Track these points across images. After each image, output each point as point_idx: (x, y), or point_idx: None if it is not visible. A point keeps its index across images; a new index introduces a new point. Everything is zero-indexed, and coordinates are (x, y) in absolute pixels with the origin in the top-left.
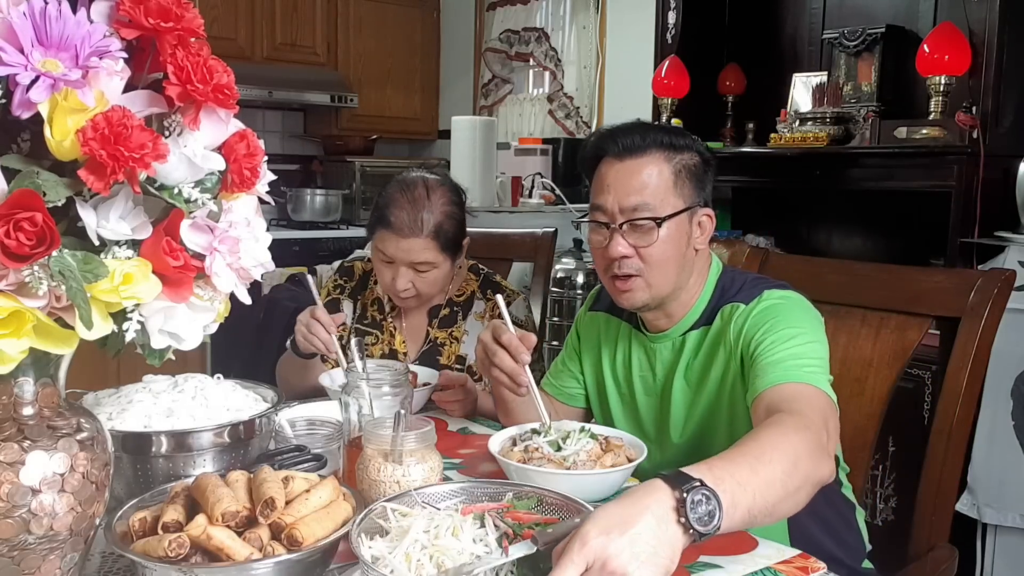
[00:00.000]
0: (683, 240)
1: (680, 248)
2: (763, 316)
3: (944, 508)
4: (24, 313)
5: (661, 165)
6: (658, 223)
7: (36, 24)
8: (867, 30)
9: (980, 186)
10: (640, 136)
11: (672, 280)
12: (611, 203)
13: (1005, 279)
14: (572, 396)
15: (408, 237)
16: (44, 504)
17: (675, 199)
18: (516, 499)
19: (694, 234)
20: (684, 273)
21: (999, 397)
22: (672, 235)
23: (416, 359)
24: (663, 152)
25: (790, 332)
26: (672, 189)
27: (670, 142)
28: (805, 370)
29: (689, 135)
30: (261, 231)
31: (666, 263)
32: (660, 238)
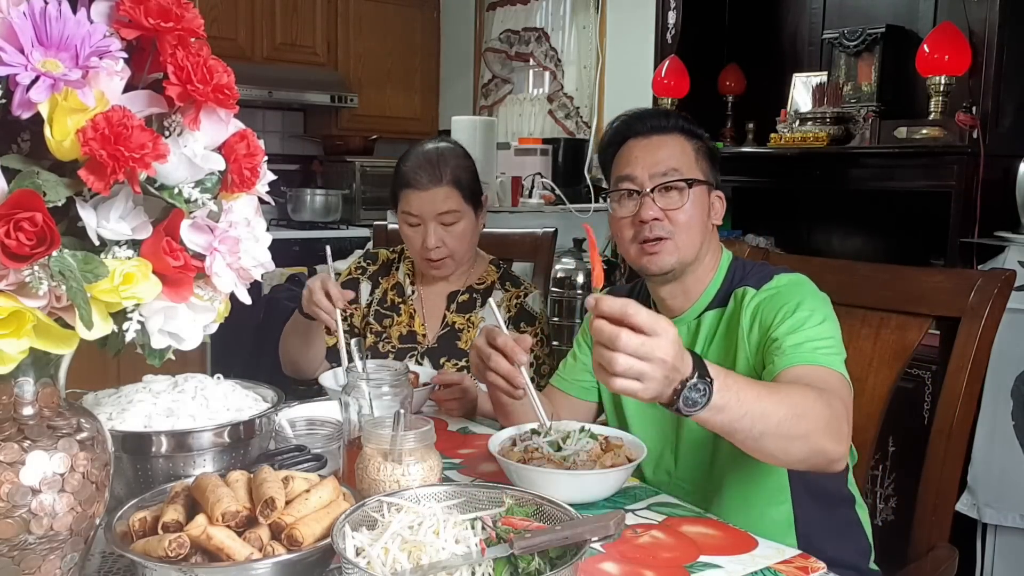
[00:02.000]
0: (704, 210)
1: (702, 217)
2: (776, 299)
3: (944, 508)
4: (24, 313)
5: (684, 143)
6: (688, 184)
7: (36, 24)
8: (867, 30)
9: (980, 186)
10: (665, 119)
11: (696, 245)
12: (640, 172)
13: (1005, 279)
14: (585, 389)
15: (431, 188)
16: (44, 504)
17: (697, 172)
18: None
19: (712, 210)
20: (704, 245)
21: (999, 397)
22: (697, 201)
23: (435, 342)
24: (683, 134)
25: (803, 315)
26: (694, 163)
27: (689, 128)
28: (821, 352)
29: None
30: (261, 231)
31: (693, 226)
32: (689, 200)
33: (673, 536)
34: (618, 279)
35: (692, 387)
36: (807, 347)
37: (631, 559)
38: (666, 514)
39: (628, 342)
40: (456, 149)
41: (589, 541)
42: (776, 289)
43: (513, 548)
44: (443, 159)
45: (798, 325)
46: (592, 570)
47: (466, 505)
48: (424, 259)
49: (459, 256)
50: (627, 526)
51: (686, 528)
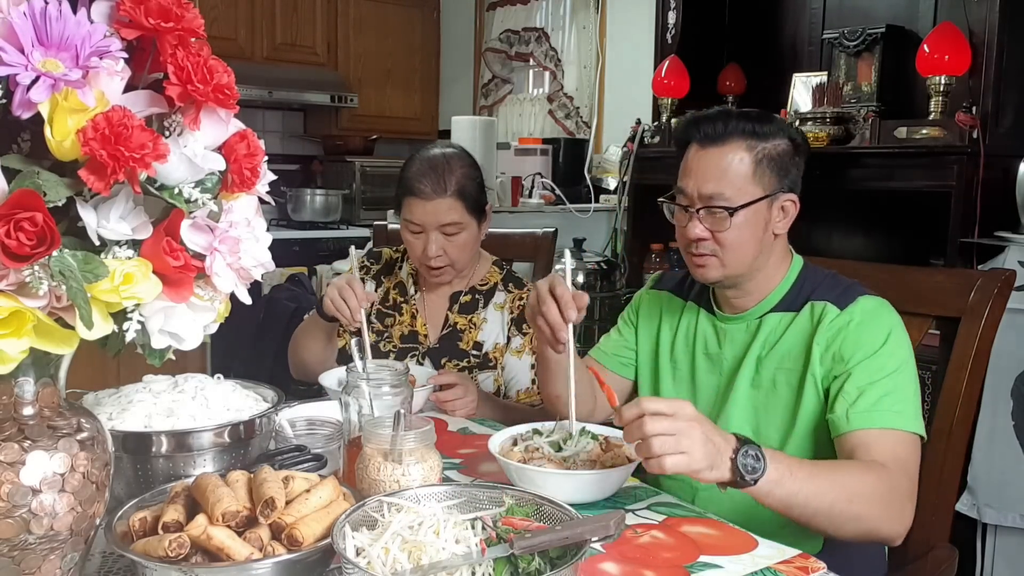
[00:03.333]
0: (759, 226)
1: (755, 233)
2: (860, 332)
3: (944, 508)
4: (24, 313)
5: (742, 154)
6: (731, 212)
7: (36, 24)
8: (867, 30)
9: (980, 186)
10: (723, 124)
11: (747, 262)
12: (691, 188)
13: (1005, 279)
14: (624, 364)
15: (434, 199)
16: (44, 504)
17: (753, 188)
18: (517, 505)
19: (774, 219)
20: (762, 256)
21: (999, 397)
22: (747, 222)
23: (436, 342)
24: (745, 140)
25: (884, 361)
26: (751, 178)
27: (753, 130)
28: (897, 412)
29: (777, 120)
30: (261, 231)
31: (740, 247)
32: (734, 225)
33: (673, 536)
34: (618, 279)
35: (744, 454)
36: (883, 406)
37: (631, 559)
38: (666, 514)
39: (653, 425)
40: (463, 157)
41: (589, 541)
42: (861, 317)
43: (513, 548)
44: (449, 168)
45: (878, 375)
46: (592, 570)
47: (466, 505)
48: (424, 266)
49: (460, 265)
50: (627, 526)
51: (686, 528)
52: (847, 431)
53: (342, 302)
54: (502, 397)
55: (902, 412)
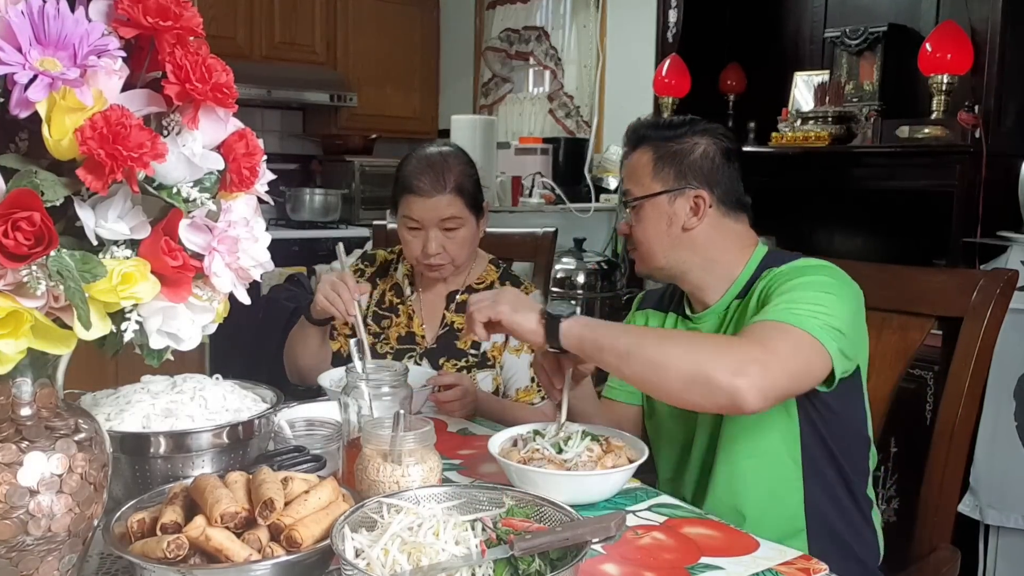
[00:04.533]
0: (662, 221)
1: (659, 227)
2: (790, 273)
3: (946, 509)
4: (22, 313)
5: (647, 156)
6: (630, 205)
7: (34, 23)
8: (869, 29)
9: (982, 186)
10: (632, 133)
11: (659, 255)
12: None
13: (1008, 279)
14: (630, 392)
15: (433, 196)
16: (42, 505)
17: (652, 183)
18: (517, 506)
19: (680, 214)
20: (678, 251)
21: (1002, 398)
22: (650, 216)
23: (434, 343)
24: (652, 142)
25: (804, 280)
26: (651, 175)
27: (660, 134)
28: (792, 311)
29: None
30: (260, 231)
31: (646, 241)
32: (638, 219)
33: (674, 537)
34: (618, 279)
35: (553, 305)
36: (782, 306)
37: (632, 560)
38: (667, 515)
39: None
40: (460, 155)
41: (590, 542)
42: (798, 266)
43: (513, 549)
44: (447, 165)
45: (791, 289)
46: (593, 571)
47: (466, 506)
48: (422, 264)
49: (459, 262)
50: (628, 527)
51: (687, 529)
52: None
53: (335, 295)
54: (501, 396)
55: (802, 312)
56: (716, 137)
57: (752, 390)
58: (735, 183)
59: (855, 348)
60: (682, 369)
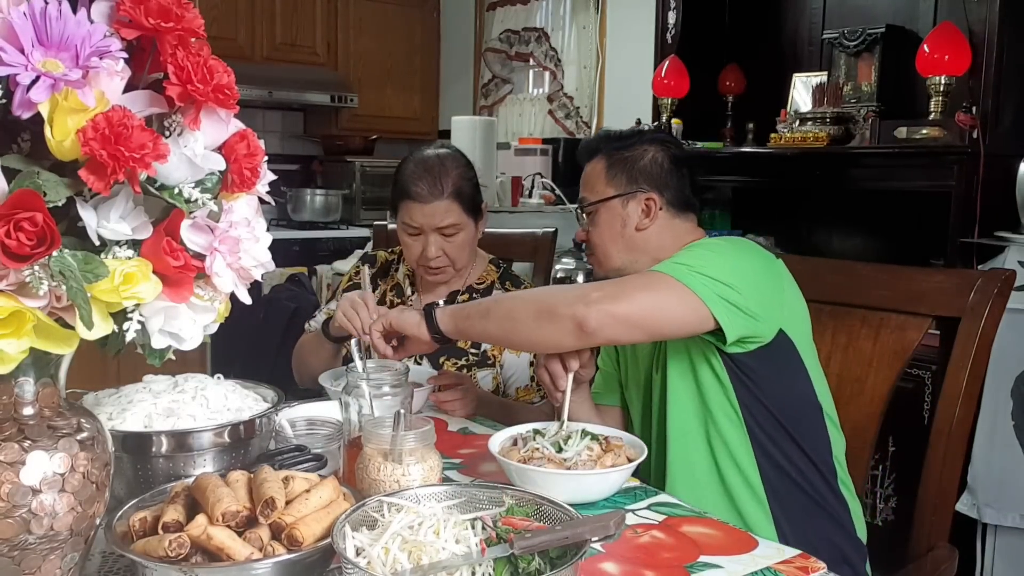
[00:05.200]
0: (616, 223)
1: (614, 229)
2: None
3: (944, 508)
4: (24, 313)
5: (600, 165)
6: (584, 209)
7: (36, 24)
8: (867, 30)
9: (980, 186)
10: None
11: (614, 256)
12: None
13: (1005, 279)
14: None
15: (431, 202)
16: (44, 504)
17: (605, 188)
18: (517, 505)
19: (633, 216)
20: (633, 251)
21: (999, 397)
22: (604, 220)
23: None
24: (605, 152)
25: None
26: (604, 181)
27: (613, 144)
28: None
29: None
30: (261, 231)
31: (601, 243)
32: (594, 224)
33: (673, 536)
34: None
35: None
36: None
37: (631, 559)
38: (666, 514)
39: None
40: (458, 157)
41: (589, 541)
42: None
43: (513, 548)
44: (444, 169)
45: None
46: (592, 570)
47: (466, 505)
48: (423, 267)
49: (459, 264)
50: (627, 526)
51: (686, 528)
52: None
53: (354, 314)
54: (501, 395)
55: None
56: (664, 144)
57: (593, 311)
58: (683, 185)
59: (758, 305)
60: (531, 310)
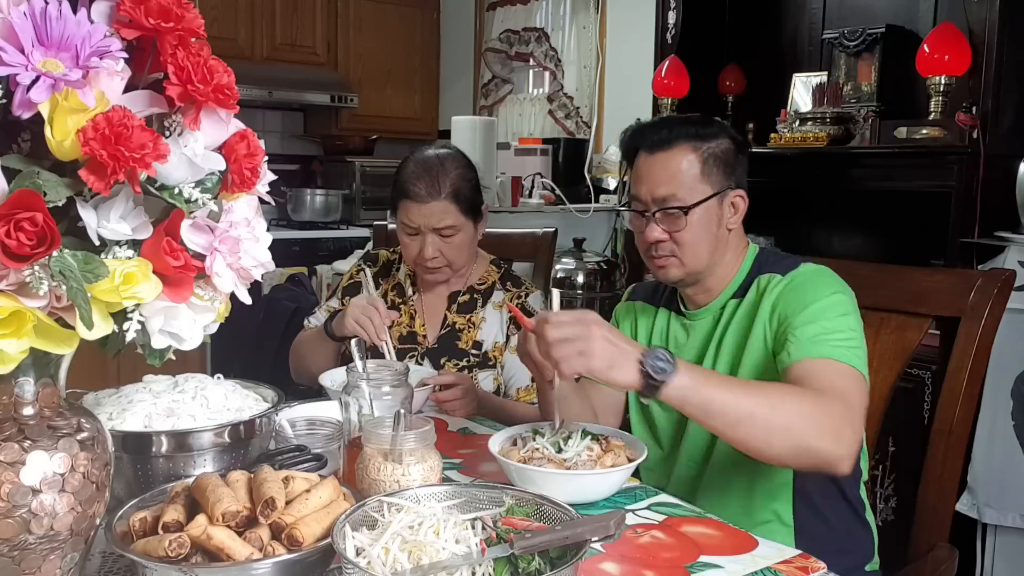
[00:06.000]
0: (713, 223)
1: (711, 230)
2: (800, 288)
3: (944, 508)
4: (24, 313)
5: (689, 156)
6: (685, 211)
7: (37, 24)
8: (867, 30)
9: (980, 186)
10: (668, 130)
11: (704, 258)
12: (645, 193)
13: (1005, 279)
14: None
15: (429, 202)
16: (44, 504)
17: (703, 186)
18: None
19: (726, 215)
20: (718, 251)
21: (999, 397)
22: (701, 219)
23: (435, 343)
24: (690, 143)
25: (824, 304)
26: (699, 178)
27: (696, 132)
28: (834, 344)
29: (717, 122)
30: (261, 231)
31: (696, 244)
32: (689, 224)
33: (673, 536)
34: (618, 279)
35: (653, 356)
36: (820, 339)
37: (631, 559)
38: (666, 514)
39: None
40: (458, 158)
41: (589, 541)
42: (802, 277)
43: (513, 548)
44: (443, 170)
45: (817, 315)
46: (592, 570)
47: (466, 505)
48: (420, 267)
49: (457, 265)
50: (627, 526)
51: (686, 528)
52: (788, 364)
53: (367, 320)
54: (502, 396)
55: (841, 346)
56: (731, 134)
57: (848, 458)
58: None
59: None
60: (789, 441)
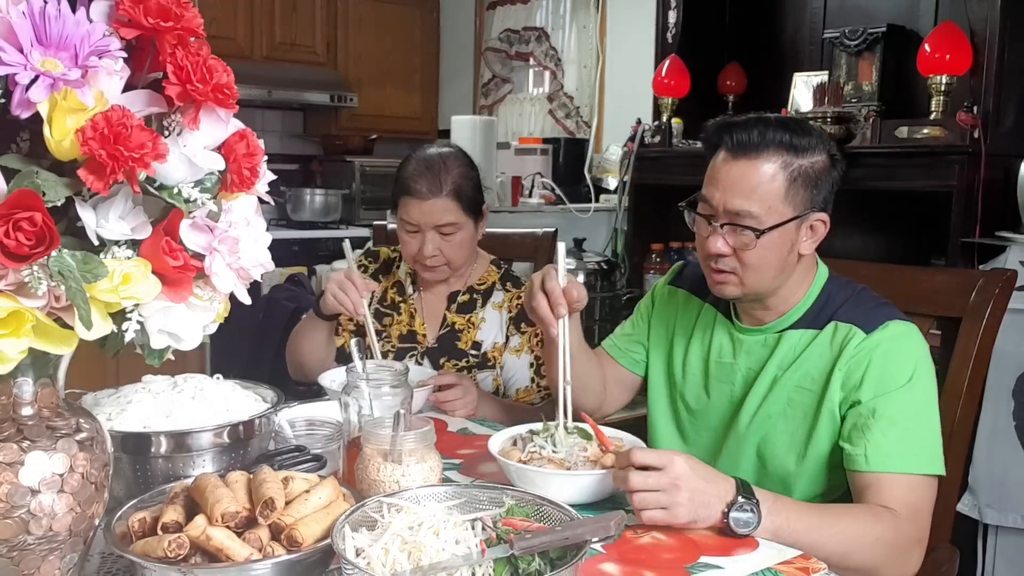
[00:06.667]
0: (785, 247)
1: (781, 254)
2: (886, 362)
3: (945, 509)
4: (23, 313)
5: (776, 170)
6: (758, 234)
7: (35, 23)
8: (868, 29)
9: (981, 186)
10: (759, 134)
11: (767, 282)
12: (717, 200)
13: (1006, 279)
14: (636, 362)
15: (429, 199)
16: (43, 504)
17: (784, 207)
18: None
19: (801, 239)
20: (783, 275)
21: (1000, 397)
22: (773, 243)
23: (435, 342)
24: (782, 155)
25: (912, 398)
26: (783, 197)
27: (791, 142)
28: (912, 453)
29: (816, 132)
30: (261, 231)
31: (763, 268)
32: (759, 245)
33: (674, 537)
34: (618, 279)
35: (739, 507)
36: (903, 448)
37: (632, 560)
38: None
39: (637, 480)
40: (460, 156)
41: (589, 542)
42: (888, 345)
43: (513, 549)
44: (445, 168)
45: (902, 412)
46: (593, 571)
47: (466, 506)
48: (419, 264)
49: (456, 264)
50: (627, 527)
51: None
52: (864, 470)
53: (344, 295)
54: (501, 396)
55: (921, 454)
56: (829, 149)
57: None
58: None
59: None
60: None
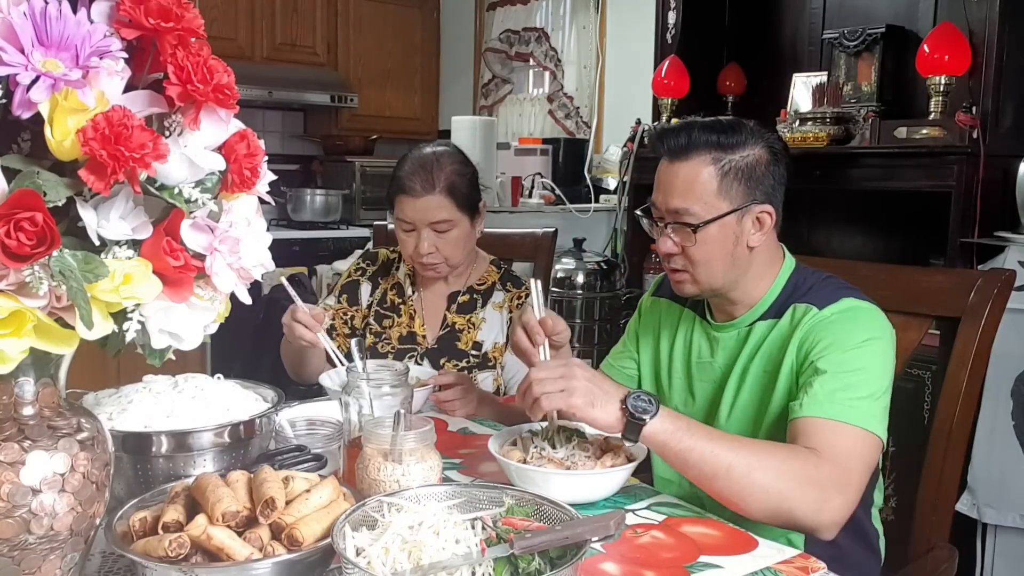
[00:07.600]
0: (729, 240)
1: (725, 248)
2: (835, 326)
3: (944, 508)
4: (24, 313)
5: (707, 168)
6: (694, 229)
7: (36, 24)
8: (867, 30)
9: (980, 186)
10: (687, 137)
11: (719, 276)
12: (660, 202)
13: (1005, 279)
14: (630, 377)
15: (423, 196)
16: (44, 504)
17: (719, 202)
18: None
19: (747, 231)
20: (736, 269)
21: (999, 397)
22: (714, 237)
23: (435, 343)
24: (711, 152)
25: (850, 356)
26: (716, 193)
27: (718, 141)
28: (848, 403)
29: (748, 128)
30: (261, 231)
31: (708, 263)
32: (700, 240)
33: (673, 536)
34: (618, 279)
35: (636, 397)
36: (836, 396)
37: (631, 559)
38: (666, 514)
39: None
40: (454, 154)
41: (589, 541)
42: (840, 314)
43: (513, 548)
44: (439, 165)
45: (841, 367)
46: (592, 570)
47: (466, 505)
48: (417, 263)
49: (453, 261)
50: (627, 526)
51: (686, 528)
52: (795, 417)
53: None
54: (502, 396)
55: (857, 406)
56: (767, 140)
57: (831, 526)
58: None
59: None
60: (766, 503)
